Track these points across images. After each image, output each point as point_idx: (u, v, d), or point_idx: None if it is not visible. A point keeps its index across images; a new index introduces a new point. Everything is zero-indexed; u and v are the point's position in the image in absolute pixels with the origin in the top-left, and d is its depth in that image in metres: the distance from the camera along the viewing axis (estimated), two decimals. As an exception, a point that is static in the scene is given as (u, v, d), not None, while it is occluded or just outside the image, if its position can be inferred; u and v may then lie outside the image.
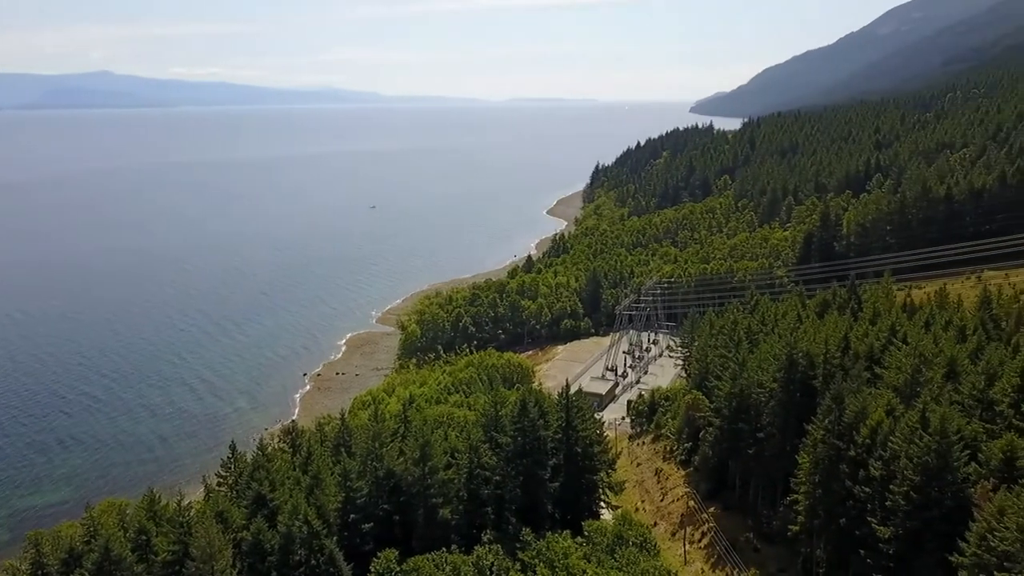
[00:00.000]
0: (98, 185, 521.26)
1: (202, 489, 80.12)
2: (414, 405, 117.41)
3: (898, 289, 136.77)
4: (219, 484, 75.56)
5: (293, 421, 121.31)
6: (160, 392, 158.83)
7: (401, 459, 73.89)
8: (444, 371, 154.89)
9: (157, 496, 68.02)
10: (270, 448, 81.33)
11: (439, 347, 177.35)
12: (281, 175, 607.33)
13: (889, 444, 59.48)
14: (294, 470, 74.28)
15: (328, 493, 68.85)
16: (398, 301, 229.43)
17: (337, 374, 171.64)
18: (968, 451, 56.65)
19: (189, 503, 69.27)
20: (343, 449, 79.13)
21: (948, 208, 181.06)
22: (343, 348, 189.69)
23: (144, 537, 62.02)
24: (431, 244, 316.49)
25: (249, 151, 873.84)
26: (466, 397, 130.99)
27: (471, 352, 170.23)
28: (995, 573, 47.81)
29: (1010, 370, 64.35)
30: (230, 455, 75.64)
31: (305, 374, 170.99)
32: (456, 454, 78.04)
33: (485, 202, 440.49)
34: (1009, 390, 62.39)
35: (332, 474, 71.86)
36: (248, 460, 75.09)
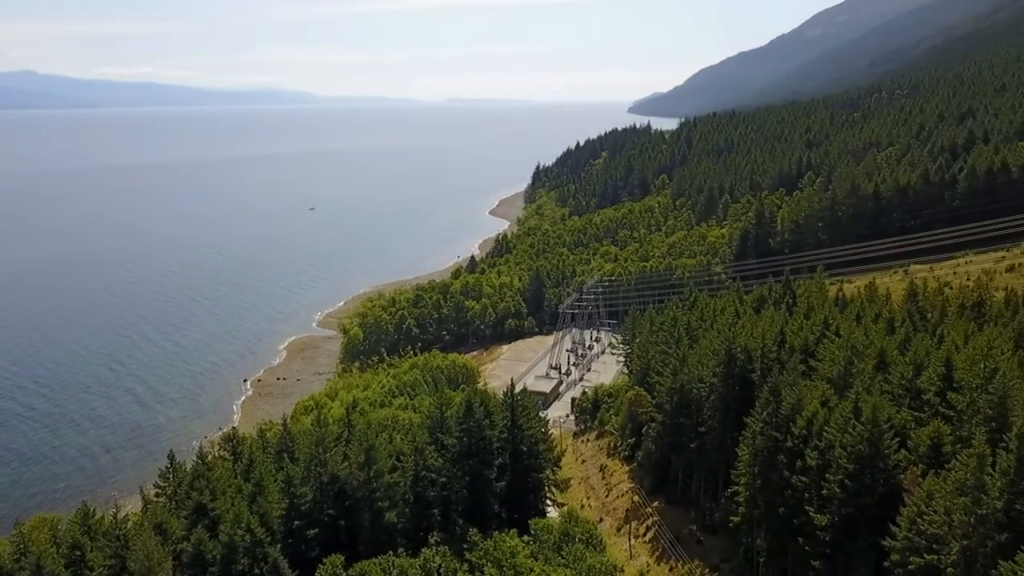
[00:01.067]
0: (20, 190, 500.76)
1: (139, 500, 77.89)
2: (358, 409, 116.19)
3: (830, 284, 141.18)
4: (157, 495, 73.58)
5: (234, 428, 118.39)
6: (96, 401, 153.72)
7: (345, 464, 73.13)
8: (388, 374, 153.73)
9: (91, 509, 65.82)
10: (210, 456, 79.53)
11: (382, 350, 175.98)
12: (215, 177, 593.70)
13: (824, 434, 61.32)
14: (235, 478, 72.82)
15: (271, 500, 67.74)
16: (339, 304, 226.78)
17: (278, 379, 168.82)
18: (898, 439, 58.76)
19: (126, 515, 67.28)
20: (286, 455, 77.87)
21: (876, 205, 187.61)
22: (284, 353, 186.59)
23: (78, 552, 59.96)
24: (372, 246, 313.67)
25: (181, 153, 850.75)
26: (411, 399, 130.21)
27: (415, 354, 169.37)
28: (924, 555, 49.82)
29: (935, 360, 66.99)
30: (168, 464, 73.74)
31: (245, 380, 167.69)
32: (401, 457, 77.62)
33: (427, 203, 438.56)
34: (935, 379, 64.95)
35: (275, 481, 70.71)
36: (187, 469, 73.34)
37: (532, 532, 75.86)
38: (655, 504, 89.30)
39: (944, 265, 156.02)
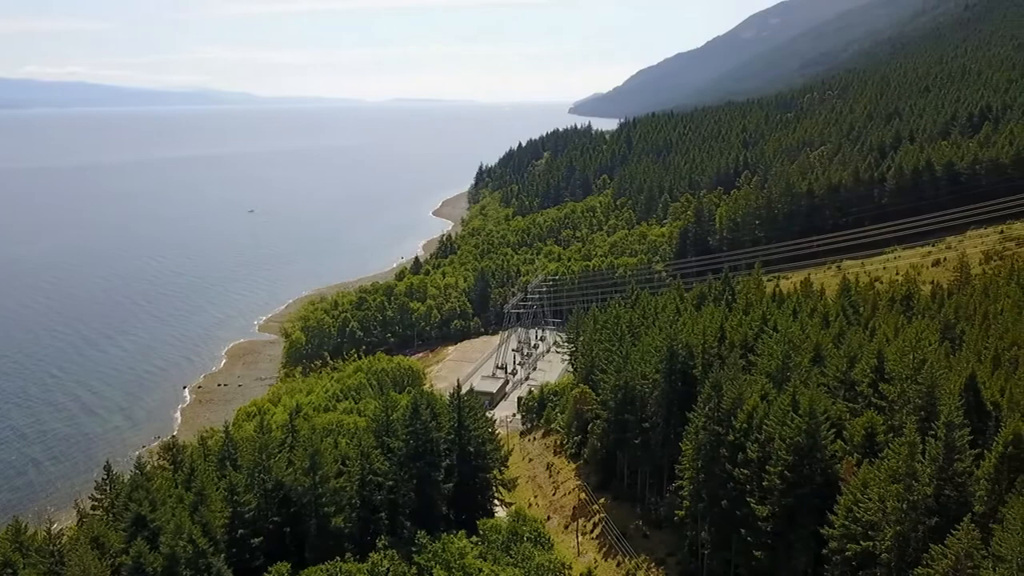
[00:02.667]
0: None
1: (75, 514, 75.45)
2: (302, 414, 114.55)
3: (768, 280, 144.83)
4: (94, 508, 71.37)
5: (173, 437, 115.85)
6: (27, 412, 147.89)
7: (290, 470, 72.13)
8: (332, 378, 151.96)
9: (23, 525, 63.44)
10: (149, 466, 77.56)
11: (326, 353, 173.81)
12: (150, 179, 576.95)
13: (764, 427, 62.87)
14: (176, 487, 71.07)
15: (214, 509, 66.35)
16: (281, 308, 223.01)
17: (219, 385, 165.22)
18: (834, 430, 60.60)
19: (60, 530, 65.17)
20: (228, 463, 76.35)
21: (810, 203, 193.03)
22: (224, 358, 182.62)
23: (10, 570, 57.76)
24: (314, 248, 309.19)
25: (113, 155, 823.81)
26: (356, 403, 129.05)
27: (359, 357, 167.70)
28: (860, 542, 51.55)
29: (868, 353, 69.30)
30: (105, 476, 71.52)
31: (185, 387, 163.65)
32: (347, 461, 76.87)
33: (369, 204, 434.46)
34: (868, 371, 67.16)
35: (217, 489, 69.28)
36: (125, 480, 71.29)
37: (480, 532, 76.04)
38: (602, 500, 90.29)
39: (875, 260, 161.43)
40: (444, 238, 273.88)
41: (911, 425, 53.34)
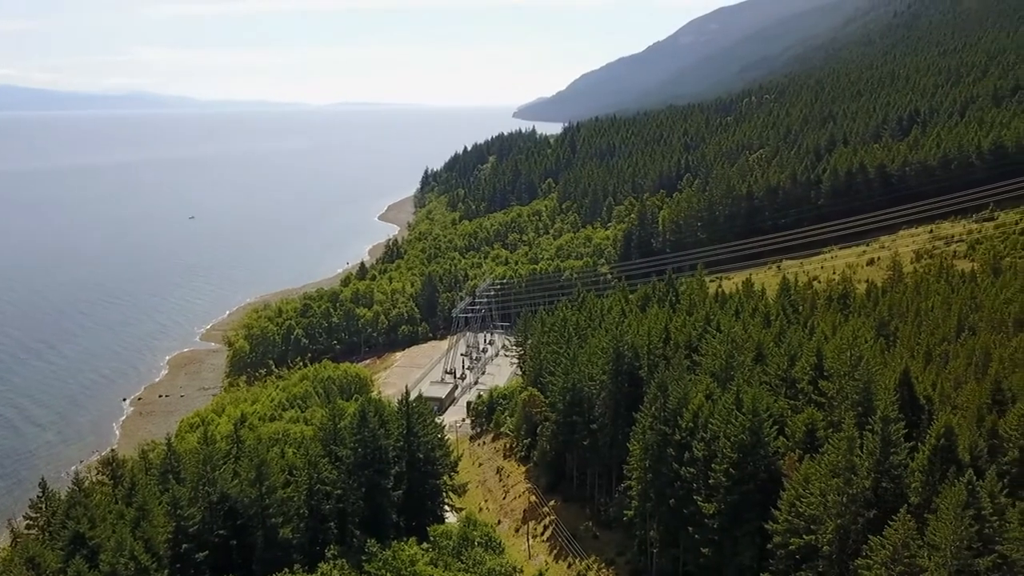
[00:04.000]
0: None
1: (8, 535, 72.74)
2: (247, 424, 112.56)
3: (710, 281, 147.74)
4: (28, 527, 68.83)
5: (113, 450, 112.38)
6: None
7: (236, 481, 70.74)
8: (277, 387, 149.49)
9: (-47, 548, 61.01)
10: (88, 482, 75.23)
11: (271, 362, 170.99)
12: (86, 186, 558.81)
13: (709, 426, 64.08)
14: (116, 503, 69.06)
15: (156, 524, 64.65)
16: (224, 316, 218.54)
17: (160, 397, 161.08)
18: (776, 427, 62.13)
19: (-7, 552, 62.72)
20: (171, 476, 74.48)
21: (750, 204, 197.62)
22: (165, 369, 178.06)
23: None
24: (257, 254, 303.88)
25: (47, 160, 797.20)
26: (302, 412, 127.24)
27: (305, 365, 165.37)
28: (803, 536, 52.94)
29: (807, 351, 71.24)
30: (40, 494, 69.12)
31: (125, 399, 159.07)
32: (294, 471, 75.72)
33: (314, 208, 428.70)
34: (807, 368, 69.02)
35: (160, 504, 67.54)
36: (62, 497, 69.01)
37: (431, 539, 75.72)
38: (552, 503, 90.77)
39: (813, 260, 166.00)
40: (391, 243, 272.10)
41: (849, 420, 55.02)
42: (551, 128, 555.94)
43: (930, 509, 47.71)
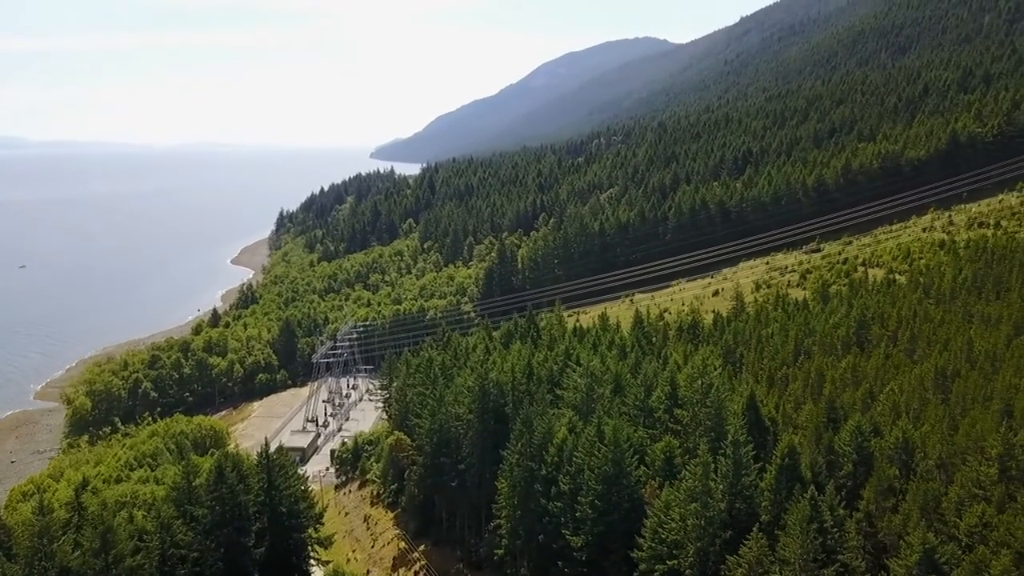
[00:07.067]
0: None
1: None
2: (89, 488, 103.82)
3: (569, 316, 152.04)
4: None
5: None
6: None
7: (77, 553, 65.09)
8: (124, 445, 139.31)
9: None
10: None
11: (116, 419, 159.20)
12: None
13: (574, 459, 65.52)
14: (-66, 590, 61.97)
15: (-16, 609, 58.52)
16: (61, 372, 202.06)
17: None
18: (637, 456, 64.37)
19: None
20: (1, 552, 67.70)
21: (602, 241, 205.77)
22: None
23: None
24: (99, 303, 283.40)
25: None
26: (152, 471, 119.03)
27: (155, 420, 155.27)
28: (667, 561, 54.93)
29: (662, 380, 74.63)
30: None
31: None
32: (145, 536, 70.59)
33: (161, 253, 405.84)
34: (663, 398, 72.28)
35: (-12, 586, 61.21)
36: None
37: (297, 596, 72.61)
38: (422, 547, 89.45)
39: (663, 293, 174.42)
40: (245, 287, 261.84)
41: (704, 446, 57.94)
42: (409, 168, 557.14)
43: (779, 526, 50.78)
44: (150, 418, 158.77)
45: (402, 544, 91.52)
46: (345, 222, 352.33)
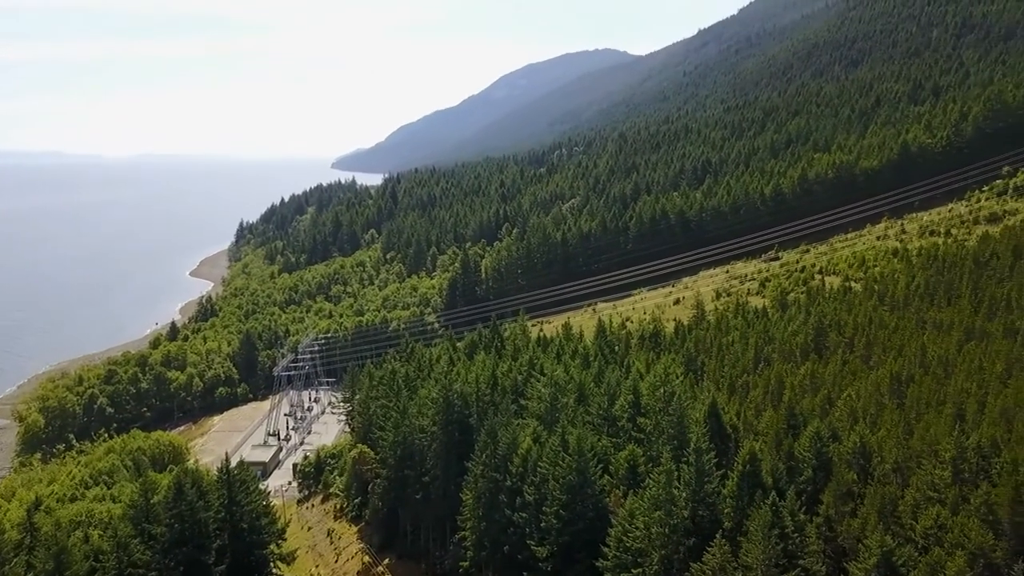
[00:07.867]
0: None
1: None
2: (42, 508, 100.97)
3: (532, 325, 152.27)
4: None
5: None
6: None
7: (30, 575, 63.47)
8: (79, 463, 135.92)
9: None
10: None
11: (70, 436, 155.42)
12: None
13: (539, 469, 65.64)
14: None
15: (-69, 636, 56.63)
16: (12, 389, 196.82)
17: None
18: (601, 465, 64.71)
19: None
20: (-51, 577, 65.65)
21: (564, 251, 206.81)
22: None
23: None
24: (51, 318, 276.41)
25: None
26: (109, 489, 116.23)
27: (111, 436, 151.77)
28: (631, 569, 55.21)
29: (625, 389, 75.17)
30: None
31: None
32: (101, 556, 68.94)
33: (117, 266, 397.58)
34: (626, 406, 72.80)
35: (-65, 611, 59.29)
36: None
37: (259, 614, 71.45)
38: (386, 561, 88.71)
39: (625, 302, 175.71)
40: (204, 300, 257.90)
41: (667, 454, 58.48)
42: (371, 179, 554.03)
43: (742, 532, 51.42)
44: (106, 434, 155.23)
45: (366, 558, 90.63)
46: (306, 233, 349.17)
